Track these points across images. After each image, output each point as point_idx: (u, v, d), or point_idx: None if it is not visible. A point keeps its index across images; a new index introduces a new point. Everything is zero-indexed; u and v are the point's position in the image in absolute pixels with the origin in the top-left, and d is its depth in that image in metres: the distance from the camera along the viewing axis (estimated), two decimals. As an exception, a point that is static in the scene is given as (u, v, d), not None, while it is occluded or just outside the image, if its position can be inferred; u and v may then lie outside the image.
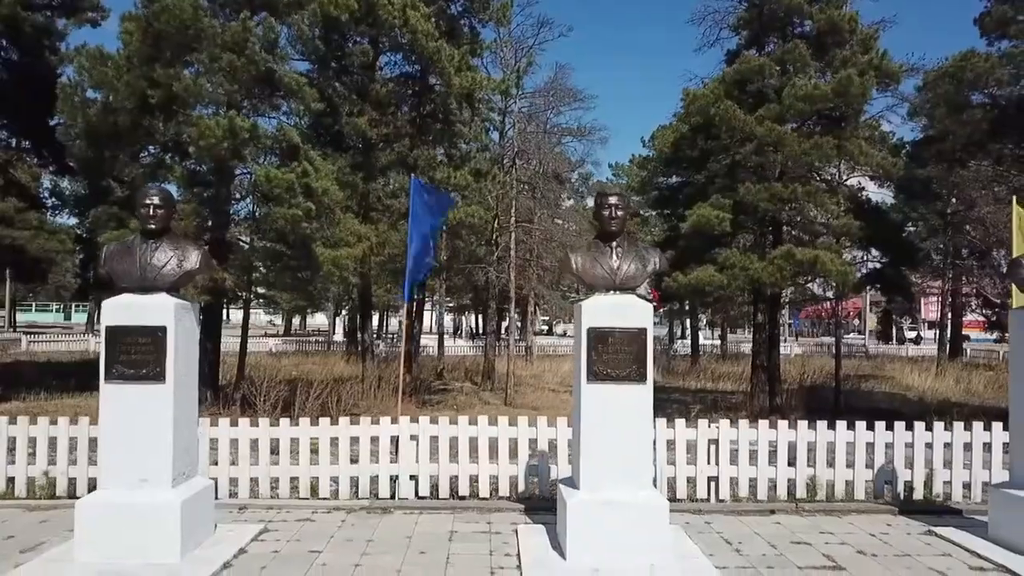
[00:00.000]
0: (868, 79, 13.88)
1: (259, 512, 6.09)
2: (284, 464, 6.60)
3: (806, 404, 17.26)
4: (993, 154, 18.51)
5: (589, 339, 4.92)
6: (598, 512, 4.77)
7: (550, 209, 30.49)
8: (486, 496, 6.58)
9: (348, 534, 5.48)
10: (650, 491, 4.89)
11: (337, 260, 12.62)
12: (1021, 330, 5.30)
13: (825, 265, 13.17)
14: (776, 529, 5.73)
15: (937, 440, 6.67)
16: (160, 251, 5.00)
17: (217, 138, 11.25)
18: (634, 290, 5.07)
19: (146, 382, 4.81)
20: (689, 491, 6.67)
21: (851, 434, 6.72)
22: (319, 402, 13.48)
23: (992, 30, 17.26)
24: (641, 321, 4.95)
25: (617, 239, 5.11)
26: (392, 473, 6.62)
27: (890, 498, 6.66)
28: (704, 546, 5.27)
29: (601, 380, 4.90)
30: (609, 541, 4.73)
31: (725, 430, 6.72)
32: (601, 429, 4.90)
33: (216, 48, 11.76)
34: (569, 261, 5.17)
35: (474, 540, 5.36)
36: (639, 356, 4.91)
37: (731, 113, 14.09)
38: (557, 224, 34.60)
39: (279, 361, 26.36)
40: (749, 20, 15.77)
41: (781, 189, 13.79)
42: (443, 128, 16.23)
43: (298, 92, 12.19)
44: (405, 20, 13.38)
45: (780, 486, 6.67)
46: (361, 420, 6.75)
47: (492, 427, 6.71)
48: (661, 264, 5.21)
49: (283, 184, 11.88)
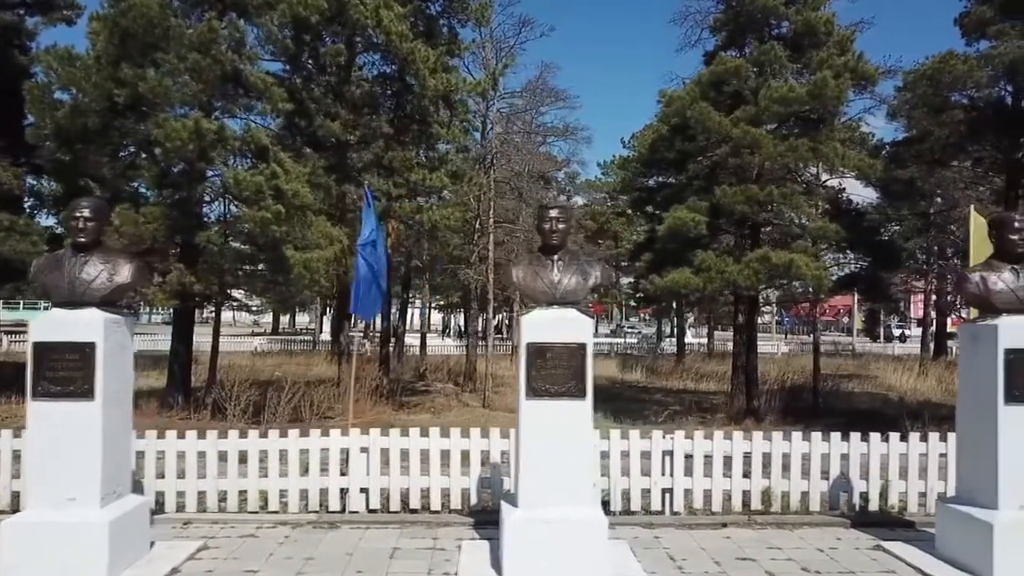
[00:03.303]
0: (844, 81, 13.84)
1: (203, 527, 5.99)
2: (232, 477, 6.49)
3: (785, 406, 17.29)
4: (972, 156, 18.56)
5: (528, 354, 4.84)
6: (536, 531, 4.70)
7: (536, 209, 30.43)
8: (437, 509, 6.50)
9: (289, 551, 5.39)
10: (589, 508, 4.82)
11: (308, 263, 12.51)
12: (971, 344, 5.25)
13: (800, 269, 13.14)
14: (724, 544, 5.66)
15: (893, 451, 6.62)
16: (90, 264, 4.89)
17: (183, 140, 11.12)
18: (575, 304, 4.99)
19: (74, 399, 4.70)
20: (644, 503, 6.59)
21: (806, 445, 6.66)
22: (291, 406, 13.41)
23: (972, 31, 17.24)
24: (581, 336, 4.87)
25: (559, 252, 5.03)
26: (342, 486, 6.53)
27: (845, 510, 6.60)
28: (648, 563, 5.21)
29: (540, 396, 4.82)
30: (547, 560, 4.65)
31: (680, 441, 6.64)
32: (540, 446, 4.82)
33: (183, 48, 11.62)
34: (510, 273, 5.09)
35: (416, 557, 5.28)
36: (579, 371, 4.83)
37: (707, 115, 14.02)
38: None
39: (262, 361, 26.25)
40: (726, 21, 15.71)
41: (757, 191, 13.74)
42: (420, 129, 16.12)
43: (266, 92, 12.06)
44: (378, 20, 13.25)
45: (735, 498, 6.61)
46: (311, 432, 6.64)
47: (444, 439, 6.62)
48: (603, 278, 5.14)
49: (252, 186, 11.76)
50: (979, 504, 4.99)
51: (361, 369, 18.52)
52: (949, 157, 18.03)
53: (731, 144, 14.10)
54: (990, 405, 4.91)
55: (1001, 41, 16.00)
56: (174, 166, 12.76)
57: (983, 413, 5.00)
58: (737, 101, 14.87)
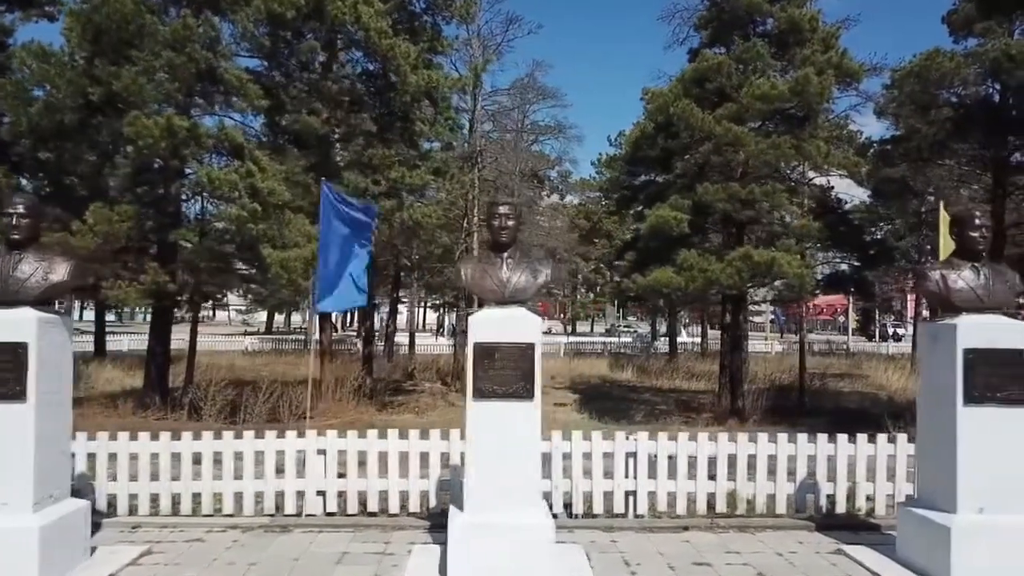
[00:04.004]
0: (827, 78, 13.70)
1: (152, 531, 5.86)
2: (186, 479, 6.36)
3: (772, 405, 17.18)
4: (960, 154, 18.43)
5: (475, 354, 4.71)
6: (481, 535, 4.57)
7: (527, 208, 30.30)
8: (395, 512, 6.37)
9: (234, 556, 5.26)
10: (537, 512, 4.69)
11: (285, 262, 12.34)
12: (931, 344, 5.12)
13: (782, 267, 13.01)
14: (683, 548, 5.54)
15: (860, 452, 6.50)
16: (24, 263, 4.75)
17: (154, 137, 10.97)
18: (524, 303, 4.87)
19: (5, 401, 4.56)
20: (607, 506, 6.47)
21: (772, 447, 6.53)
22: (268, 406, 13.28)
23: (959, 28, 17.12)
24: (529, 336, 4.74)
25: (509, 250, 4.91)
26: (299, 488, 6.39)
27: (812, 513, 6.48)
28: (602, 567, 5.09)
29: (487, 397, 4.70)
30: (492, 566, 4.53)
31: (643, 443, 6.51)
32: (487, 449, 4.70)
33: (157, 45, 11.47)
34: (459, 272, 4.96)
35: (363, 562, 5.16)
36: (527, 372, 4.71)
37: (689, 112, 13.89)
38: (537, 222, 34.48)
39: (251, 361, 26.09)
40: (711, 18, 15.58)
41: (739, 189, 13.61)
42: (404, 127, 15.97)
43: (241, 89, 11.91)
44: (357, 17, 13.08)
45: (700, 500, 6.48)
46: (267, 434, 6.51)
47: (402, 440, 6.49)
48: (553, 276, 5.01)
49: (226, 184, 11.61)
50: (938, 508, 4.87)
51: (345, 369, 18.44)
52: (937, 155, 17.88)
53: (714, 142, 13.97)
54: (949, 406, 4.79)
55: (988, 38, 15.89)
56: (150, 164, 12.64)
57: (942, 414, 4.88)
58: (722, 99, 14.75)
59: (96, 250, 11.77)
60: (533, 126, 27.97)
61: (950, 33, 17.53)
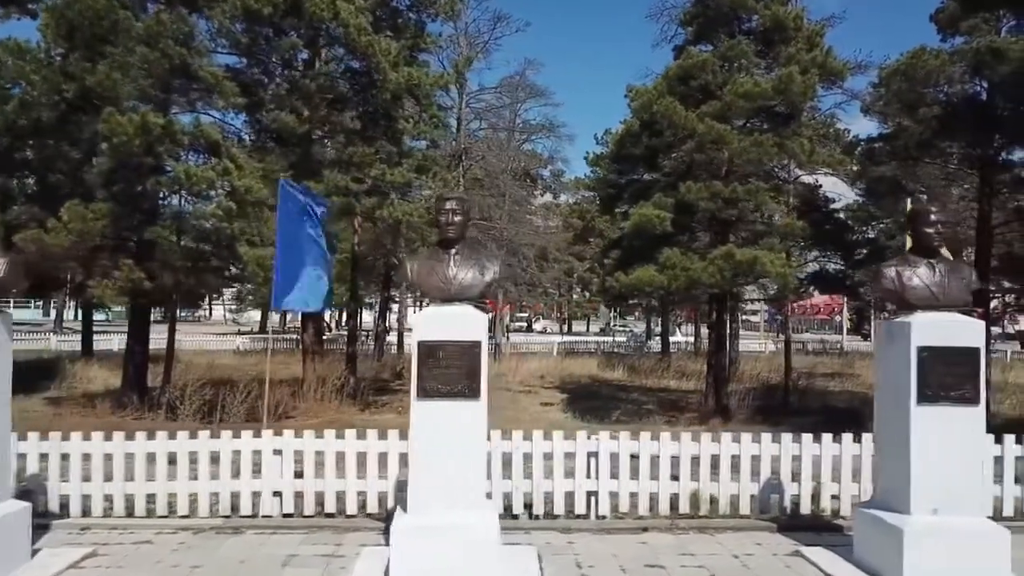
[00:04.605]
0: (811, 76, 13.61)
1: (101, 533, 5.76)
2: (140, 480, 6.26)
3: (758, 404, 17.11)
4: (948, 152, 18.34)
5: (419, 353, 4.62)
6: (424, 537, 4.49)
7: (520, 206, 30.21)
8: (353, 514, 6.28)
9: (179, 558, 5.16)
10: (481, 514, 4.60)
11: (262, 260, 12.23)
12: (887, 342, 5.03)
13: (765, 266, 12.92)
14: (639, 550, 5.45)
15: (825, 452, 6.42)
16: (-41, 259, 4.66)
17: (128, 135, 10.86)
18: (471, 300, 4.77)
19: (-62, 400, 4.47)
20: (568, 507, 6.37)
21: (736, 447, 6.44)
22: (245, 406, 13.18)
23: (946, 26, 17.04)
24: (474, 333, 4.65)
25: (457, 246, 4.81)
26: (255, 489, 6.30)
27: (776, 513, 6.39)
28: (553, 570, 5.00)
29: (431, 397, 4.60)
30: (434, 568, 4.44)
31: (605, 442, 6.42)
32: (431, 449, 4.61)
33: (131, 41, 11.36)
34: (405, 268, 4.87)
35: (310, 565, 5.06)
36: (471, 371, 4.62)
37: (672, 109, 13.79)
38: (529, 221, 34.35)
39: (241, 360, 25.97)
40: (696, 15, 15.48)
41: (721, 188, 13.52)
42: (387, 125, 15.87)
43: (217, 86, 11.80)
44: (335, 13, 12.98)
45: (663, 501, 6.39)
46: (222, 434, 6.41)
47: (360, 440, 6.40)
48: (500, 272, 4.92)
49: (202, 181, 11.52)
50: (892, 509, 4.78)
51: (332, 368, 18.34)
52: (924, 154, 17.78)
53: (697, 140, 13.88)
54: (903, 406, 4.70)
55: (973, 36, 15.81)
56: (128, 162, 12.51)
57: (897, 414, 4.79)
58: (707, 96, 14.65)
59: (71, 248, 11.67)
60: (524, 125, 27.86)
61: (938, 31, 17.43)
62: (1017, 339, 44.41)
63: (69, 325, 43.18)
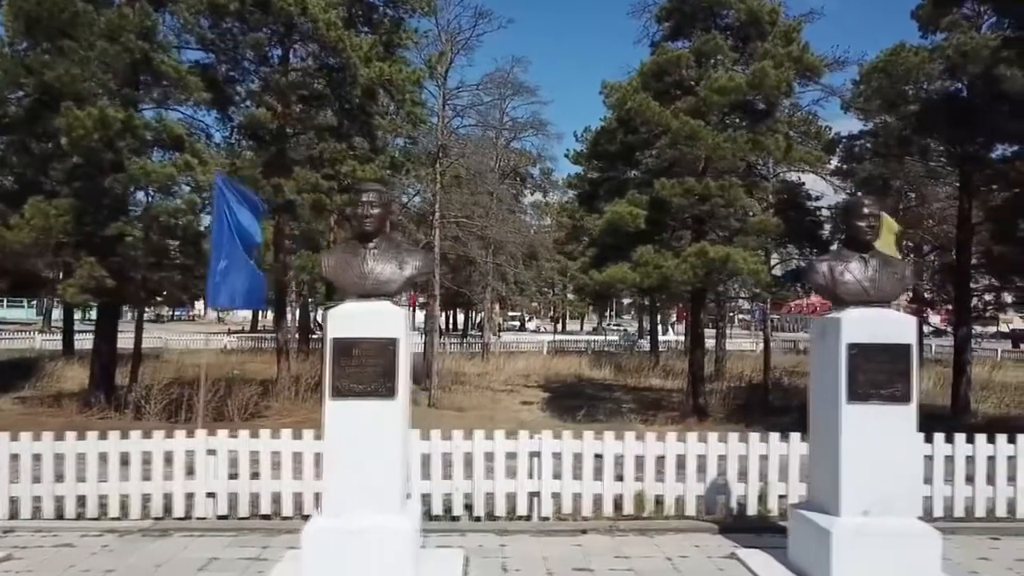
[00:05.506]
0: (785, 71, 13.50)
1: (24, 536, 5.60)
2: (70, 481, 6.10)
3: (738, 403, 16.99)
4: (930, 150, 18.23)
5: (333, 351, 4.47)
6: (336, 541, 4.33)
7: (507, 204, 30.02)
8: (289, 515, 6.14)
9: (95, 562, 5.01)
10: (397, 517, 4.44)
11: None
12: (820, 340, 4.89)
13: (737, 263, 12.81)
14: (571, 552, 5.31)
15: (773, 452, 6.28)
16: None
17: (86, 129, 10.72)
18: (390, 296, 4.62)
19: None
20: (509, 508, 6.23)
21: (681, 446, 6.31)
22: (212, 405, 13.03)
23: (926, 23, 16.92)
24: (391, 331, 4.49)
25: (375, 240, 4.66)
26: (189, 490, 6.15)
27: (724, 514, 6.26)
28: (478, 573, 4.86)
29: (344, 396, 4.45)
30: (347, 573, 4.29)
31: (548, 442, 6.28)
32: (345, 450, 4.45)
33: (92, 35, 11.21)
34: (320, 263, 4.72)
35: (229, 569, 4.92)
36: (388, 369, 4.46)
37: (646, 105, 13.68)
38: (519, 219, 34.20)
39: (226, 359, 25.80)
40: (672, 10, 15.36)
41: (694, 184, 13.40)
42: (363, 121, 15.72)
43: (180, 81, 11.64)
44: (303, 8, 12.83)
45: (607, 502, 6.25)
46: (154, 434, 6.26)
47: (297, 441, 6.26)
48: (423, 267, 4.77)
49: (162, 177, 11.38)
50: (824, 509, 4.65)
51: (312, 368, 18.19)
52: (904, 151, 17.68)
53: (670, 136, 13.75)
54: (834, 404, 4.57)
55: (953, 33, 15.69)
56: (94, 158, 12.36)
57: (828, 413, 4.65)
58: (684, 93, 14.52)
59: (31, 245, 11.52)
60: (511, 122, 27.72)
61: (919, 28, 17.34)
62: (1010, 338, 44.35)
63: (58, 324, 43.02)
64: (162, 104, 13.49)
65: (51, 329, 39.78)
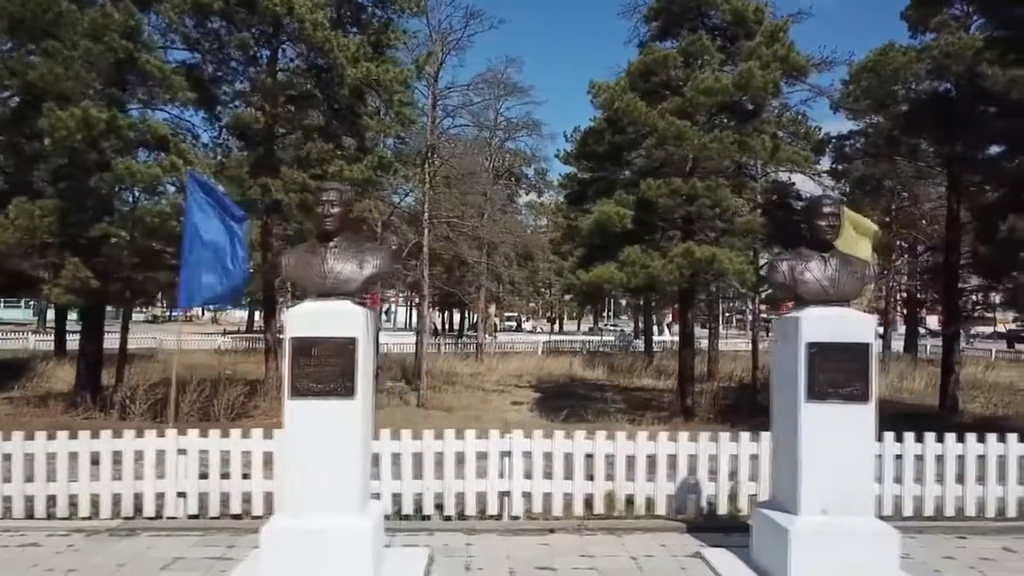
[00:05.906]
0: (772, 71, 13.50)
1: (-9, 535, 5.61)
2: (40, 481, 6.10)
3: (727, 404, 16.99)
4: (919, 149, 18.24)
5: (292, 350, 4.47)
6: (294, 541, 4.33)
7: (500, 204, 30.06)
8: (259, 515, 6.13)
9: (59, 562, 5.01)
10: (356, 518, 4.44)
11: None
12: (783, 339, 4.89)
13: (722, 264, 12.81)
14: (536, 552, 5.31)
15: (743, 451, 6.29)
16: None
17: (69, 130, 10.72)
18: (350, 295, 4.63)
19: None
20: (479, 507, 6.24)
21: (652, 446, 6.31)
22: (197, 406, 13.04)
23: (915, 23, 16.93)
24: (351, 330, 4.50)
25: (335, 239, 4.66)
26: (159, 490, 6.16)
27: (694, 513, 6.26)
28: (441, 572, 4.87)
29: (303, 396, 4.45)
30: (306, 572, 4.30)
31: (518, 441, 6.29)
32: (303, 450, 4.46)
33: (75, 35, 11.21)
34: (281, 263, 4.73)
35: (191, 569, 4.92)
36: (347, 369, 4.46)
37: (633, 105, 13.68)
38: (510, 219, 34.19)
39: (218, 360, 25.79)
40: (660, 10, 15.37)
41: (680, 184, 13.40)
42: (352, 121, 15.72)
43: (165, 81, 11.64)
44: (290, 8, 12.83)
45: (577, 502, 6.26)
46: (125, 433, 6.26)
47: (268, 440, 6.26)
48: (383, 266, 4.77)
49: (147, 177, 11.37)
50: (784, 508, 4.66)
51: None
52: (893, 151, 17.69)
53: (657, 136, 13.76)
54: (794, 403, 4.57)
55: (942, 33, 15.69)
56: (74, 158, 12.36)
57: (789, 411, 4.66)
58: (671, 93, 14.53)
59: (15, 245, 11.52)
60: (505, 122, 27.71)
61: (909, 29, 17.35)
62: (1006, 338, 44.37)
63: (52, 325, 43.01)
64: (148, 104, 13.53)
65: (45, 329, 39.78)
